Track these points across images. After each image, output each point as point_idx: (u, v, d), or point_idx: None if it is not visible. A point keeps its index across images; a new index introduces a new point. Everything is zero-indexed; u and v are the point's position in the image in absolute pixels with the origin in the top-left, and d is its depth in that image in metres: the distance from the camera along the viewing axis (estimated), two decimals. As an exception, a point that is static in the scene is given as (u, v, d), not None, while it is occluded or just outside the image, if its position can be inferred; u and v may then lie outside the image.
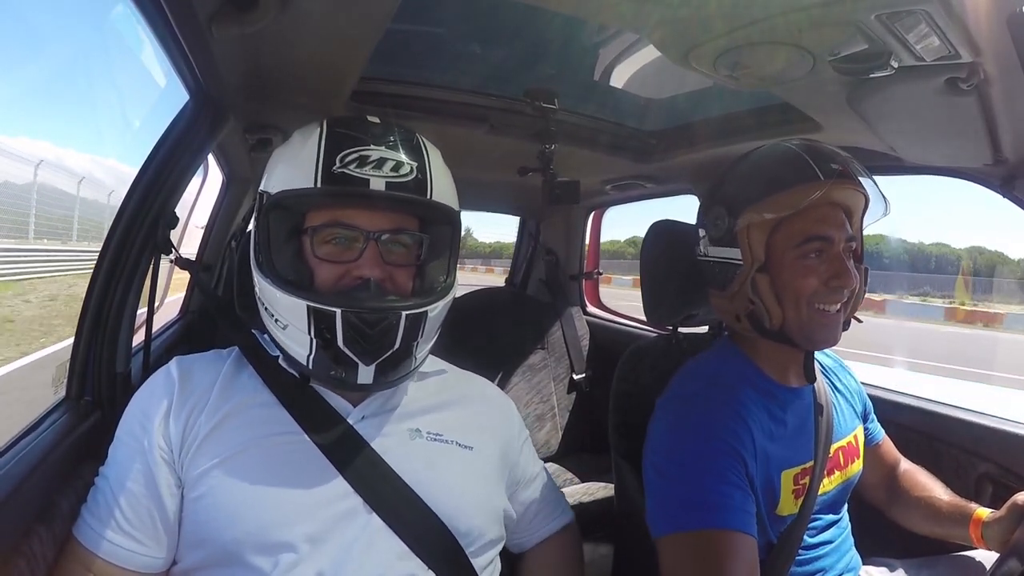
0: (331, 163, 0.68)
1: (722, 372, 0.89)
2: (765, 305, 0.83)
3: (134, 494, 0.67)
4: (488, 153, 1.46)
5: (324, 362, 0.69)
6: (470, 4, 1.01)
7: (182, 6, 0.70)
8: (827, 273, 0.81)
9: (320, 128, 0.72)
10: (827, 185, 0.78)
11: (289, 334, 0.70)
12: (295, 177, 0.69)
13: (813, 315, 0.82)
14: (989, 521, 0.88)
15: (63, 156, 25.49)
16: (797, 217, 0.81)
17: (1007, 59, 0.71)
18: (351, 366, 0.68)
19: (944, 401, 1.25)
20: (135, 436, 0.70)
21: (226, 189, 1.67)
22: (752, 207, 0.82)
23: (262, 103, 1.07)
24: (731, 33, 0.76)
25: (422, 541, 0.69)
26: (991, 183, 1.09)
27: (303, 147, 0.71)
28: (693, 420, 0.82)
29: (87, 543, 0.66)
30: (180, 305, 1.76)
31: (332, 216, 0.70)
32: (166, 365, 0.76)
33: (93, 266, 0.92)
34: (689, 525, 0.74)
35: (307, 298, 0.67)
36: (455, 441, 0.78)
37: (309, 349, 0.69)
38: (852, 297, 0.84)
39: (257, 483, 0.67)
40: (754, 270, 0.83)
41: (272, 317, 0.72)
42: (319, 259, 0.71)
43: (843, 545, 0.91)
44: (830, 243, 0.81)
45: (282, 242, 0.71)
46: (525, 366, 2.00)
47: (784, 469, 0.82)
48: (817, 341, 0.84)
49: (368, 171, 0.68)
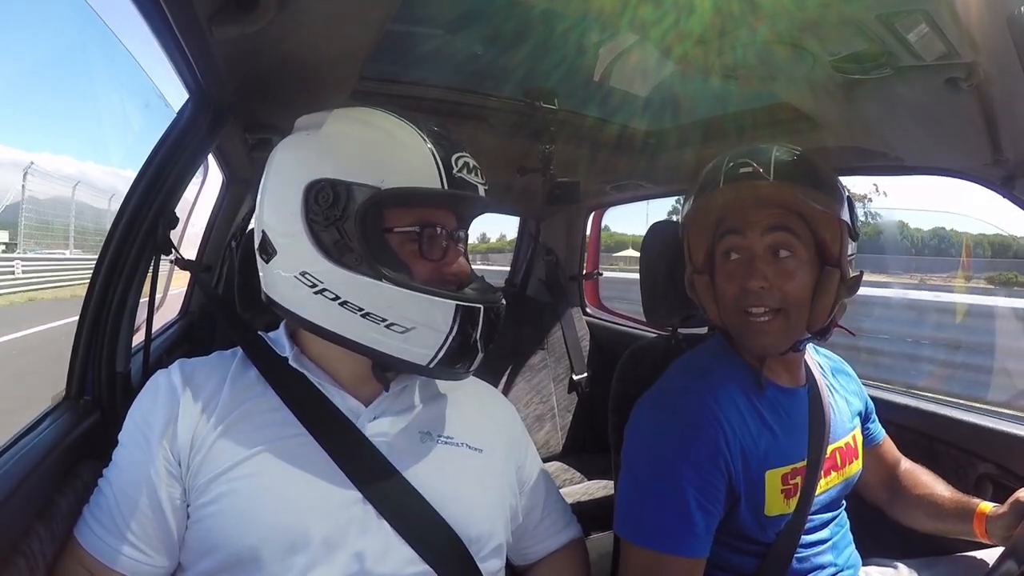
0: (449, 165, 0.68)
1: (709, 367, 0.90)
2: (703, 305, 0.89)
3: (137, 505, 0.66)
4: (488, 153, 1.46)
5: (452, 358, 0.69)
6: (470, 4, 1.01)
7: (182, 6, 0.70)
8: (743, 275, 0.81)
9: (406, 122, 0.70)
10: (721, 190, 0.82)
11: (413, 336, 0.67)
12: (413, 173, 0.67)
13: (741, 319, 0.83)
14: (993, 516, 0.88)
15: (85, 170, 26.08)
16: (721, 220, 0.85)
17: (1007, 59, 0.70)
18: (473, 356, 0.70)
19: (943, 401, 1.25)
20: (138, 445, 0.69)
21: (226, 189, 1.67)
22: (684, 213, 0.89)
23: (262, 103, 1.07)
24: (731, 33, 0.76)
25: (430, 546, 0.68)
26: (991, 183, 1.09)
27: (404, 140, 0.69)
28: (670, 419, 0.83)
29: (91, 548, 0.66)
30: (182, 300, 1.76)
31: (431, 216, 0.71)
32: (167, 369, 0.75)
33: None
34: (645, 542, 0.78)
35: (455, 298, 0.67)
36: (465, 443, 0.77)
37: (440, 347, 0.68)
38: (791, 302, 0.80)
39: (271, 487, 0.66)
40: (691, 271, 0.89)
41: (383, 322, 0.67)
42: (421, 257, 0.70)
43: (841, 543, 0.91)
44: (743, 238, 0.82)
45: (378, 237, 0.68)
46: (525, 366, 2.00)
47: (768, 469, 0.82)
48: (749, 346, 0.85)
49: (475, 178, 0.71)
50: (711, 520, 0.78)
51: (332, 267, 0.67)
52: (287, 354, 0.75)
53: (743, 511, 0.81)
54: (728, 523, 0.82)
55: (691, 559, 0.77)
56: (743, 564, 0.85)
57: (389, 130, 0.69)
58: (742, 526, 0.82)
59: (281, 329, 0.79)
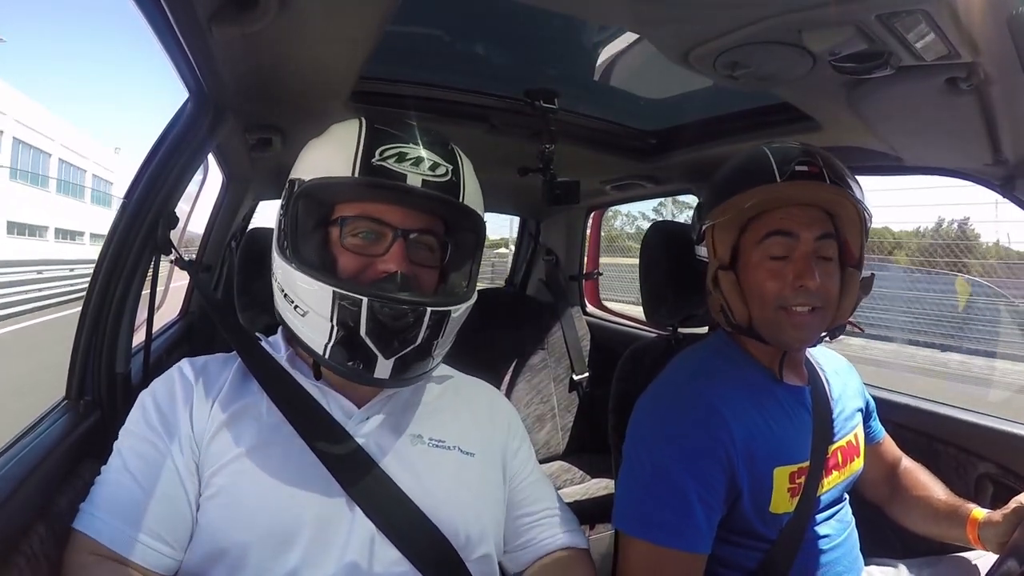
0: (370, 155, 0.68)
1: (712, 363, 0.90)
2: (728, 302, 0.86)
3: (162, 495, 0.66)
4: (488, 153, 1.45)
5: (342, 352, 0.68)
6: (470, 4, 1.01)
7: (182, 6, 0.70)
8: (791, 273, 0.81)
9: (360, 123, 0.72)
10: (782, 187, 0.80)
11: (308, 321, 0.69)
12: (332, 166, 0.69)
13: (780, 315, 0.82)
14: (984, 522, 0.88)
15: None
16: (764, 215, 0.83)
17: (1007, 59, 0.70)
18: (370, 358, 0.67)
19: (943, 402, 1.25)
20: (160, 436, 0.68)
21: (226, 189, 1.67)
22: (715, 208, 0.86)
23: (262, 103, 1.07)
24: (731, 33, 0.76)
25: (415, 548, 0.68)
26: (991, 183, 1.09)
27: (342, 138, 0.71)
28: (672, 413, 0.83)
29: (104, 539, 0.63)
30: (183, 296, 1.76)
31: (363, 209, 0.70)
32: (177, 364, 0.76)
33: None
34: (645, 535, 0.77)
35: (334, 284, 0.66)
36: (457, 447, 0.77)
37: (328, 337, 0.67)
38: (830, 301, 0.83)
39: (261, 485, 0.66)
40: (716, 268, 0.87)
41: (291, 304, 0.70)
42: (345, 249, 0.70)
43: (844, 542, 0.90)
44: (795, 240, 0.82)
45: (309, 229, 0.71)
46: (525, 367, 2.00)
47: (777, 466, 0.82)
48: (784, 341, 0.84)
49: (406, 167, 0.68)
50: (712, 515, 0.78)
51: (276, 257, 0.72)
52: (282, 356, 0.76)
53: (746, 507, 0.81)
54: (731, 519, 0.82)
55: (692, 554, 0.77)
56: (746, 561, 0.85)
57: (339, 131, 0.73)
58: (745, 522, 0.82)
59: (279, 333, 0.80)
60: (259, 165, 1.47)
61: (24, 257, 14.71)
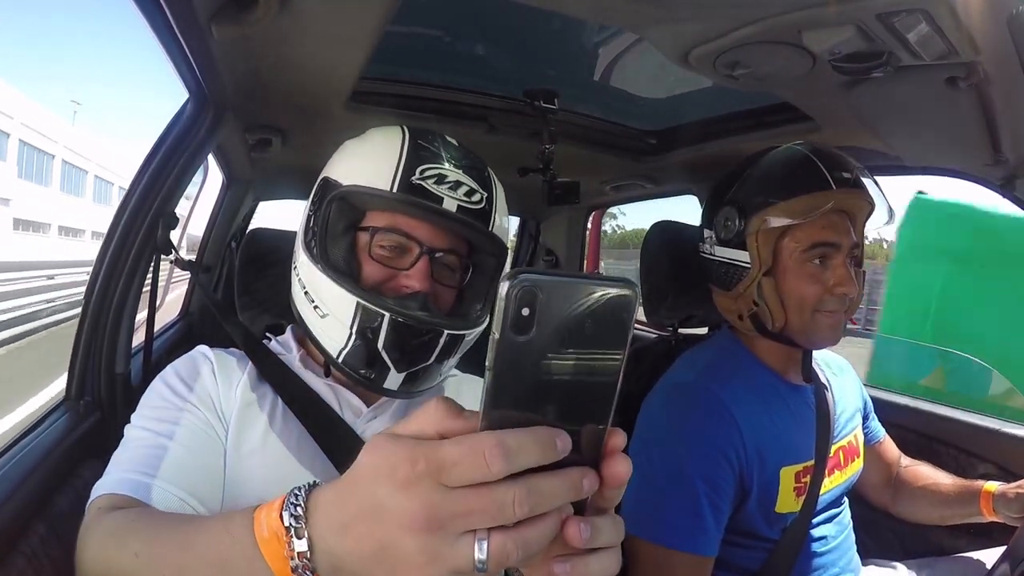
0: (411, 172, 0.69)
1: (718, 362, 0.90)
2: (769, 308, 0.85)
3: (208, 465, 0.64)
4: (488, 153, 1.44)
5: (357, 360, 0.69)
6: (470, 4, 1.01)
7: (182, 6, 0.70)
8: (832, 280, 0.82)
9: (402, 134, 0.73)
10: (838, 194, 0.80)
11: (328, 324, 0.70)
12: (371, 176, 0.69)
13: (817, 318, 0.83)
14: (1000, 494, 0.88)
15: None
16: (806, 223, 0.82)
17: (1007, 59, 0.70)
18: (383, 369, 0.69)
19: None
20: (180, 396, 0.67)
21: (226, 189, 1.67)
22: (763, 212, 0.84)
23: (262, 103, 1.07)
24: (731, 33, 0.76)
25: None
26: (991, 183, 1.09)
27: (383, 148, 0.72)
28: (681, 413, 0.83)
29: (132, 492, 0.57)
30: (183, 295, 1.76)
31: (395, 222, 0.71)
32: (198, 348, 0.76)
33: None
34: (655, 538, 0.77)
35: (359, 295, 0.67)
36: None
37: (345, 343, 0.69)
38: (855, 302, 0.86)
39: (270, 483, 0.66)
40: (761, 274, 0.84)
41: (311, 303, 0.71)
42: (371, 258, 0.71)
43: (843, 543, 0.91)
44: (837, 250, 0.82)
45: (339, 233, 0.71)
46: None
47: (784, 466, 0.82)
48: (818, 341, 0.86)
49: (444, 190, 0.69)
50: (720, 517, 0.78)
51: (302, 254, 0.72)
52: (294, 356, 0.77)
53: (752, 508, 0.81)
54: (735, 521, 0.82)
55: (700, 556, 0.77)
56: (748, 562, 0.85)
57: (381, 139, 0.73)
58: (749, 523, 0.82)
59: (288, 332, 0.81)
60: (259, 165, 1.47)
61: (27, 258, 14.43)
